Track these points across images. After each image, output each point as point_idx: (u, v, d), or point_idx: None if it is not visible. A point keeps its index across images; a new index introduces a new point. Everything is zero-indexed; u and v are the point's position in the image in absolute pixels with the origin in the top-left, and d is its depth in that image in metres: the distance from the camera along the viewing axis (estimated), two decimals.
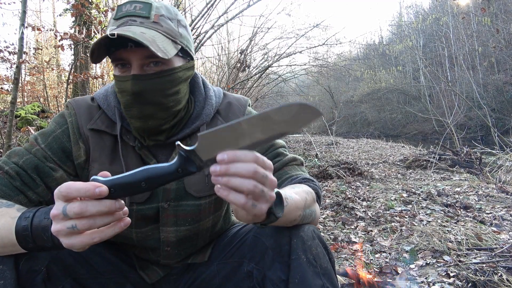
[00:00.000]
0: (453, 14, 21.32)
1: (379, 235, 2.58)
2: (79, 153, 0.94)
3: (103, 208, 0.57)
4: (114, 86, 0.92)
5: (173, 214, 0.97)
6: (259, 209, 0.62)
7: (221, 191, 0.59)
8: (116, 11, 0.88)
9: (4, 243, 0.70)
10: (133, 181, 0.60)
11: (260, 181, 0.59)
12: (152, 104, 0.88)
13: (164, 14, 0.89)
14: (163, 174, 0.61)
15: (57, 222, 0.59)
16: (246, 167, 0.58)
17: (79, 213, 0.57)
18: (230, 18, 7.10)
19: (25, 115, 6.21)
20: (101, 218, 0.58)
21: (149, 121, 0.90)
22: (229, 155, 0.58)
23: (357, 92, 30.94)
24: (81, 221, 0.57)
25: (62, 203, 0.59)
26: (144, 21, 0.86)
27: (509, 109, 18.27)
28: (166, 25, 0.88)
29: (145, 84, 0.86)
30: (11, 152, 0.91)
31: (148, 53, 0.83)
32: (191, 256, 1.06)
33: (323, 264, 0.84)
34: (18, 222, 0.67)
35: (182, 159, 0.62)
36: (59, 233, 0.59)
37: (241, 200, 0.59)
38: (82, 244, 0.59)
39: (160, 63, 0.87)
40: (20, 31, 3.03)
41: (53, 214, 0.59)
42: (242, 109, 1.07)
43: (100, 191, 0.57)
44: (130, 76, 0.86)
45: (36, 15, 12.74)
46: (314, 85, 18.97)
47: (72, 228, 0.58)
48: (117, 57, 0.87)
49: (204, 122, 1.00)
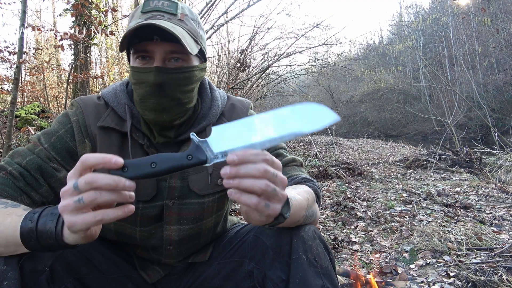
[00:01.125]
0: (453, 14, 21.32)
1: (379, 235, 2.58)
2: (85, 151, 0.94)
3: (111, 182, 0.57)
4: (131, 77, 0.92)
5: (176, 212, 0.98)
6: (273, 209, 0.62)
7: (234, 194, 0.59)
8: (143, 5, 0.90)
9: (8, 242, 0.70)
10: (144, 161, 0.61)
11: (271, 180, 0.60)
12: (170, 97, 0.90)
13: (188, 14, 0.93)
14: (174, 158, 0.62)
15: (65, 198, 0.59)
16: (257, 167, 0.59)
17: (89, 183, 0.57)
18: (230, 18, 7.11)
19: (25, 115, 6.21)
20: (108, 193, 0.58)
21: (164, 114, 0.91)
22: (239, 156, 0.59)
23: (357, 92, 30.94)
24: (88, 193, 0.57)
25: (73, 180, 0.59)
26: (171, 18, 0.89)
27: (509, 109, 18.27)
28: (190, 24, 0.92)
29: (166, 77, 0.88)
30: (14, 152, 0.91)
31: (171, 48, 0.88)
32: (191, 256, 1.07)
33: (323, 264, 0.84)
34: (24, 220, 0.67)
35: (194, 147, 0.63)
36: (65, 208, 0.58)
37: (254, 201, 0.59)
38: (84, 223, 0.58)
39: (180, 59, 0.90)
40: (20, 31, 3.03)
41: (63, 191, 0.59)
42: (245, 111, 1.10)
43: (116, 160, 0.58)
44: (153, 68, 0.88)
45: (36, 15, 12.76)
46: (314, 85, 18.95)
47: (78, 202, 0.57)
48: (141, 48, 0.89)
49: (211, 122, 1.02)
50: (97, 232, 0.65)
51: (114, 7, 6.98)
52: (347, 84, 30.90)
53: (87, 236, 0.62)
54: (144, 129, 0.97)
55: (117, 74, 12.58)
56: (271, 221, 0.69)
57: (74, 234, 0.61)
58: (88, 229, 0.61)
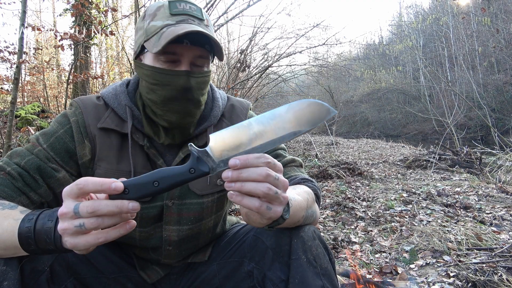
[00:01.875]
0: (453, 14, 21.32)
1: (379, 235, 2.58)
2: (84, 152, 0.94)
3: (114, 209, 0.57)
4: (150, 78, 0.90)
5: (176, 212, 0.98)
6: (274, 211, 0.62)
7: (235, 196, 0.60)
8: (171, 6, 0.89)
9: (7, 246, 0.69)
10: (146, 180, 0.60)
11: (273, 183, 0.60)
12: (193, 101, 0.92)
13: (208, 19, 0.95)
14: (176, 174, 0.61)
15: (65, 221, 0.58)
16: (259, 171, 0.59)
17: (91, 212, 0.57)
18: (230, 18, 7.11)
19: (25, 115, 6.21)
20: (110, 218, 0.58)
21: (186, 117, 0.93)
22: (241, 160, 0.59)
23: (357, 92, 30.94)
24: (90, 220, 0.57)
25: (73, 201, 0.58)
26: (200, 23, 0.90)
27: (509, 109, 18.27)
28: (211, 29, 0.94)
29: (194, 81, 0.90)
30: (13, 152, 0.91)
31: (200, 52, 0.89)
32: (191, 256, 1.07)
33: (323, 264, 0.84)
34: (21, 224, 0.66)
35: (194, 159, 0.62)
36: (66, 231, 0.58)
37: (256, 204, 0.60)
38: (87, 244, 0.59)
39: (201, 65, 0.92)
40: (20, 31, 3.03)
41: (62, 212, 0.58)
42: (245, 111, 1.10)
43: (116, 186, 0.58)
44: (183, 72, 0.88)
45: (36, 15, 12.76)
46: (314, 85, 18.94)
47: (79, 227, 0.57)
48: (169, 50, 0.87)
49: (212, 123, 1.02)
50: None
51: (114, 7, 6.97)
52: (347, 84, 30.90)
53: (88, 251, 0.63)
54: (147, 130, 0.96)
55: (117, 74, 12.58)
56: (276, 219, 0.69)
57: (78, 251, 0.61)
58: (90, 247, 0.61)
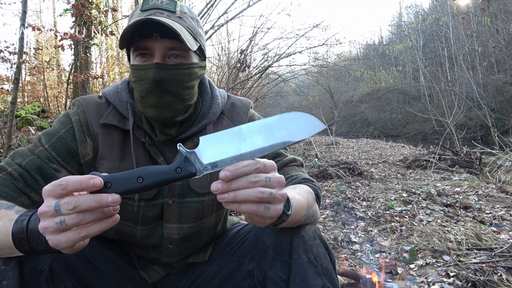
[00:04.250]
0: (453, 14, 21.32)
1: (379, 235, 2.58)
2: (86, 151, 0.95)
3: (93, 203, 0.56)
4: (131, 75, 0.93)
5: (176, 210, 0.98)
6: (274, 210, 0.63)
7: (231, 205, 0.60)
8: (143, 3, 0.91)
9: (1, 246, 0.69)
10: (129, 176, 0.60)
11: (265, 185, 0.60)
12: (170, 94, 0.91)
13: (187, 12, 0.94)
14: (161, 172, 0.61)
15: (46, 219, 0.58)
16: (248, 178, 0.59)
17: (72, 208, 0.56)
18: (230, 18, 7.11)
19: (25, 115, 6.21)
20: (91, 214, 0.57)
21: (165, 110, 0.92)
22: (231, 172, 0.59)
23: (357, 92, 30.95)
24: (70, 216, 0.57)
25: (53, 199, 0.58)
26: (170, 15, 0.90)
27: (509, 109, 18.27)
28: (189, 22, 0.93)
29: (166, 73, 0.89)
30: (14, 153, 0.91)
31: (171, 44, 0.89)
32: (191, 255, 1.07)
33: (324, 264, 0.85)
34: (15, 224, 0.66)
35: (182, 159, 0.62)
36: (46, 230, 0.58)
37: (253, 208, 0.61)
38: (69, 241, 0.58)
39: (179, 56, 0.91)
40: (20, 31, 3.03)
41: (42, 211, 0.57)
42: (245, 110, 1.10)
43: (94, 182, 0.57)
44: (153, 64, 0.89)
45: (36, 15, 12.77)
46: (314, 85, 18.96)
47: (60, 223, 0.57)
48: (140, 46, 0.89)
49: (211, 121, 1.02)
50: (85, 243, 0.63)
51: (114, 7, 6.98)
52: (347, 84, 30.92)
53: (74, 249, 0.61)
54: (145, 127, 0.97)
55: (117, 74, 12.58)
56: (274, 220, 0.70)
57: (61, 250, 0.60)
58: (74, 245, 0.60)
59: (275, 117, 0.66)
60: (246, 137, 0.63)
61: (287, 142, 0.63)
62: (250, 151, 0.62)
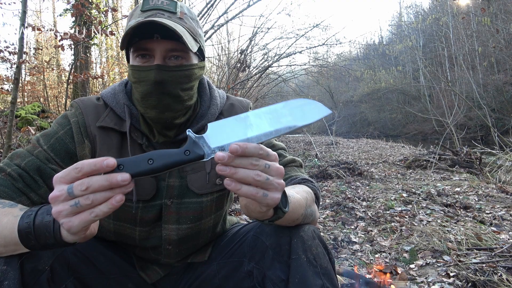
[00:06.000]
0: (453, 14, 21.29)
1: (379, 235, 2.58)
2: (84, 152, 0.95)
3: (104, 182, 0.58)
4: (130, 76, 0.93)
5: (175, 211, 0.98)
6: (271, 198, 0.63)
7: (233, 184, 0.61)
8: (143, 4, 0.91)
9: (7, 242, 0.70)
10: (140, 158, 0.61)
11: (264, 170, 0.61)
12: (171, 95, 0.91)
13: (187, 13, 0.94)
14: (171, 154, 0.62)
15: (59, 204, 0.59)
16: (250, 160, 0.61)
17: (85, 188, 0.57)
18: (230, 18, 7.12)
19: (25, 115, 6.21)
20: (102, 193, 0.58)
21: (165, 111, 0.92)
22: (241, 147, 0.60)
23: (357, 92, 30.98)
24: (84, 198, 0.58)
25: (65, 185, 0.59)
26: (171, 16, 0.90)
27: (509, 109, 18.27)
28: (189, 23, 0.93)
29: (167, 75, 0.89)
30: (13, 153, 0.92)
31: (172, 45, 0.89)
32: (191, 256, 1.07)
33: (323, 264, 0.85)
34: (21, 220, 0.67)
35: (191, 142, 0.63)
36: (60, 213, 0.58)
37: (252, 191, 0.61)
38: (81, 222, 0.58)
39: (180, 57, 0.91)
40: (20, 31, 3.03)
41: (54, 196, 0.58)
42: (244, 110, 1.10)
43: (108, 163, 0.58)
44: (154, 66, 0.88)
45: (36, 15, 12.78)
46: (314, 85, 18.95)
47: (75, 205, 0.58)
48: (141, 47, 0.89)
49: (209, 121, 1.01)
50: (95, 229, 0.65)
51: (114, 7, 6.98)
52: (347, 84, 30.93)
53: (86, 235, 0.63)
54: (143, 128, 0.97)
55: (117, 74, 12.59)
56: (271, 214, 0.70)
57: (74, 235, 0.61)
58: (87, 228, 0.61)
59: (280, 103, 0.67)
60: (253, 123, 0.65)
61: (293, 126, 0.65)
62: (256, 135, 0.64)
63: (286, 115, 0.65)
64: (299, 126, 0.65)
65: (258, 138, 0.64)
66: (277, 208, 0.71)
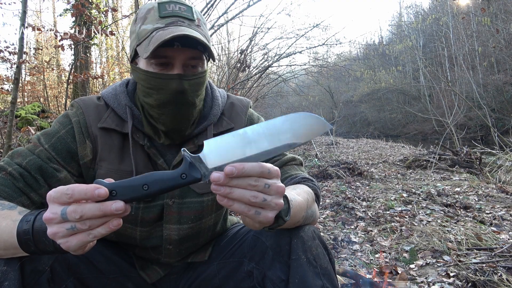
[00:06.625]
0: (453, 14, 21.29)
1: (379, 235, 2.58)
2: (85, 152, 0.94)
3: (97, 212, 0.57)
4: (145, 82, 0.90)
5: (176, 211, 0.98)
6: (264, 216, 0.62)
7: (225, 201, 0.60)
8: (160, 9, 0.89)
9: (6, 246, 0.69)
10: (135, 183, 0.60)
11: (262, 191, 0.60)
12: (188, 104, 0.91)
13: (200, 18, 0.93)
14: (167, 178, 0.61)
15: (53, 226, 0.59)
16: (249, 181, 0.59)
17: (79, 217, 0.57)
18: (230, 18, 7.11)
19: (25, 115, 6.21)
20: (97, 220, 0.58)
21: (182, 120, 0.92)
22: (237, 169, 0.58)
23: (357, 92, 30.94)
24: (80, 223, 0.58)
25: (59, 206, 0.58)
26: (191, 24, 0.89)
27: (509, 109, 18.26)
28: (204, 29, 0.93)
29: (187, 84, 0.89)
30: (14, 152, 0.91)
31: (192, 54, 0.88)
32: (191, 255, 1.07)
33: (323, 264, 0.85)
34: (20, 225, 0.66)
35: (186, 164, 0.61)
36: (56, 235, 0.59)
37: (244, 209, 0.60)
38: (79, 243, 0.59)
39: (196, 65, 0.90)
40: (20, 31, 3.04)
41: (48, 218, 0.58)
42: (244, 109, 1.09)
43: (99, 193, 0.58)
44: (175, 76, 0.87)
45: (36, 15, 12.78)
46: (314, 85, 18.94)
47: (71, 229, 0.58)
48: (160, 54, 0.86)
49: (212, 122, 1.02)
50: (95, 242, 0.64)
51: (114, 7, 6.98)
52: (347, 84, 30.92)
53: (85, 250, 0.63)
54: (147, 129, 0.96)
55: (117, 74, 12.58)
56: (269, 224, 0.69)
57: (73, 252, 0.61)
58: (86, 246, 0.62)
59: (280, 118, 0.64)
60: (251, 140, 0.62)
61: (293, 144, 0.63)
62: (255, 154, 0.62)
63: (286, 132, 0.63)
64: (299, 143, 0.63)
65: (257, 157, 0.62)
66: (278, 217, 0.70)
